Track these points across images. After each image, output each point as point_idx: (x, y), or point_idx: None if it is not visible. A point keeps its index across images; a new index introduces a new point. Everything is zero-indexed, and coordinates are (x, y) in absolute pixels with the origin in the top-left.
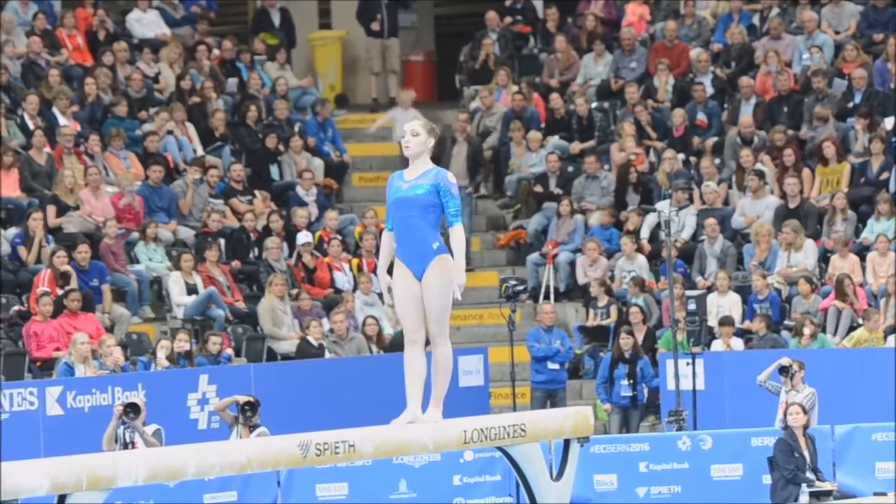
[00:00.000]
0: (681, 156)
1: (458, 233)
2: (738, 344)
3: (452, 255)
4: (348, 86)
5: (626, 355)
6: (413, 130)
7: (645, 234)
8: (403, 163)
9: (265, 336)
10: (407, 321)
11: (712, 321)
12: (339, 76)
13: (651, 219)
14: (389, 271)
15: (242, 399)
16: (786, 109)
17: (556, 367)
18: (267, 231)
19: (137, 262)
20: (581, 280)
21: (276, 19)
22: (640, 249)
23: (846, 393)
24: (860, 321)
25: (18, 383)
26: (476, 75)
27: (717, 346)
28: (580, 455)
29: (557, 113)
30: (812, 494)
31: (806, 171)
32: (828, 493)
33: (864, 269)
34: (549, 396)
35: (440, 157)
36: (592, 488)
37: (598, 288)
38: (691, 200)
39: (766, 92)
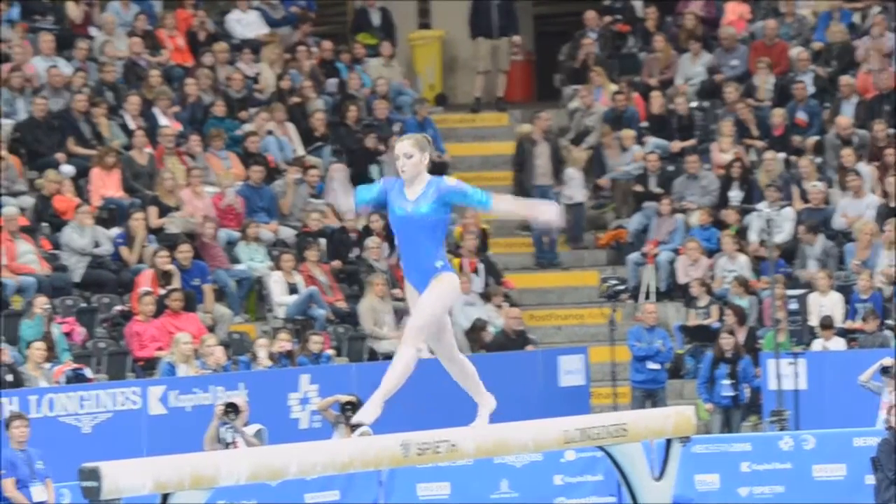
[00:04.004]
0: (781, 155)
1: (499, 201)
2: (839, 344)
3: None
4: (448, 85)
5: (728, 355)
6: (406, 153)
7: (753, 236)
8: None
9: (366, 336)
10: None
11: (813, 321)
12: (439, 76)
13: (753, 218)
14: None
15: (344, 398)
16: (887, 108)
17: (657, 366)
18: (367, 231)
19: (239, 261)
20: (682, 280)
21: (376, 19)
22: (740, 249)
23: None
24: None
25: (121, 383)
26: (575, 75)
27: (817, 345)
28: (681, 455)
29: (657, 112)
30: None
31: None
32: None
33: None
34: (649, 396)
35: (523, 161)
36: (694, 488)
37: (699, 288)
38: (789, 200)
39: (867, 91)
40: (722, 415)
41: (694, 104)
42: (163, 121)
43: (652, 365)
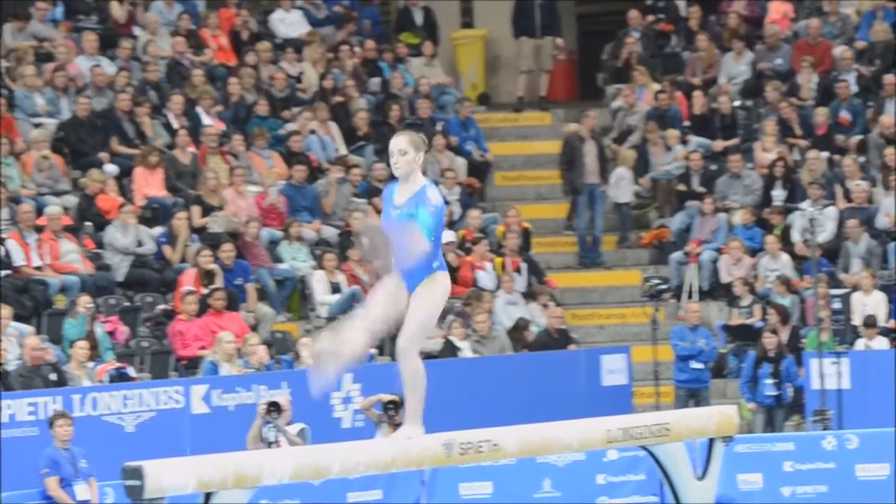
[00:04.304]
0: (824, 154)
1: (412, 227)
2: (882, 343)
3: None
4: (491, 84)
5: (771, 354)
6: (401, 149)
7: (796, 236)
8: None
9: None
10: (370, 307)
11: (856, 320)
12: (482, 75)
13: (795, 218)
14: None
15: (387, 397)
16: None
17: (700, 366)
18: None
19: (281, 261)
20: (724, 279)
21: (419, 18)
22: (783, 248)
23: None
24: None
25: (164, 382)
26: (618, 74)
27: (860, 344)
28: (724, 454)
29: (700, 111)
30: None
31: None
32: None
33: None
34: (692, 395)
35: (572, 160)
36: (737, 488)
37: (742, 287)
38: (832, 199)
39: None
40: (765, 414)
41: (737, 103)
42: (206, 120)
43: (695, 364)
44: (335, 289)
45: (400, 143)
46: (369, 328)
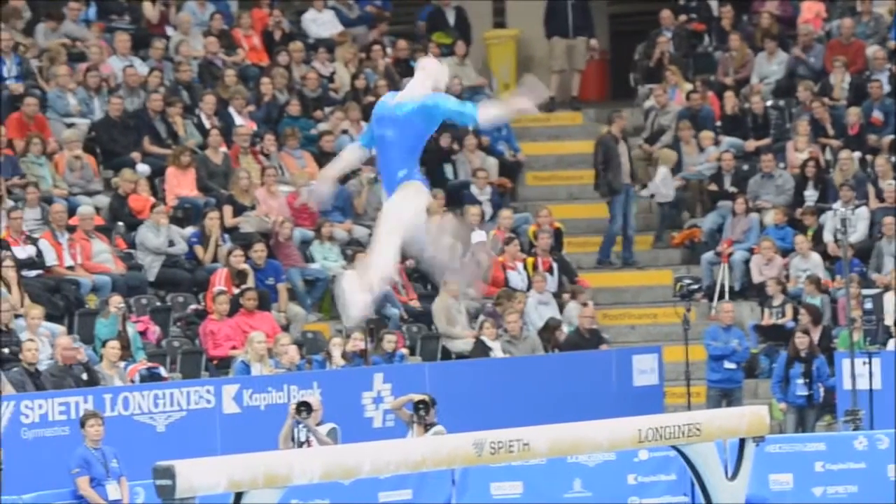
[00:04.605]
0: (856, 154)
1: (484, 111)
2: None
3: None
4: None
5: (802, 354)
6: (427, 69)
7: (828, 236)
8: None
9: (439, 335)
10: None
11: (888, 320)
12: (514, 75)
13: (827, 218)
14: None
15: (417, 397)
16: None
17: (733, 366)
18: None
19: (312, 261)
20: (756, 279)
21: (451, 18)
22: (815, 248)
23: None
24: None
25: (195, 381)
26: (650, 73)
27: (892, 345)
28: (755, 454)
29: (732, 111)
30: None
31: None
32: None
33: None
34: (725, 396)
35: (608, 160)
36: (768, 488)
37: (776, 287)
38: (864, 199)
39: None
40: (796, 414)
41: (769, 103)
42: (238, 120)
43: (728, 364)
44: None
45: (430, 64)
46: (393, 244)
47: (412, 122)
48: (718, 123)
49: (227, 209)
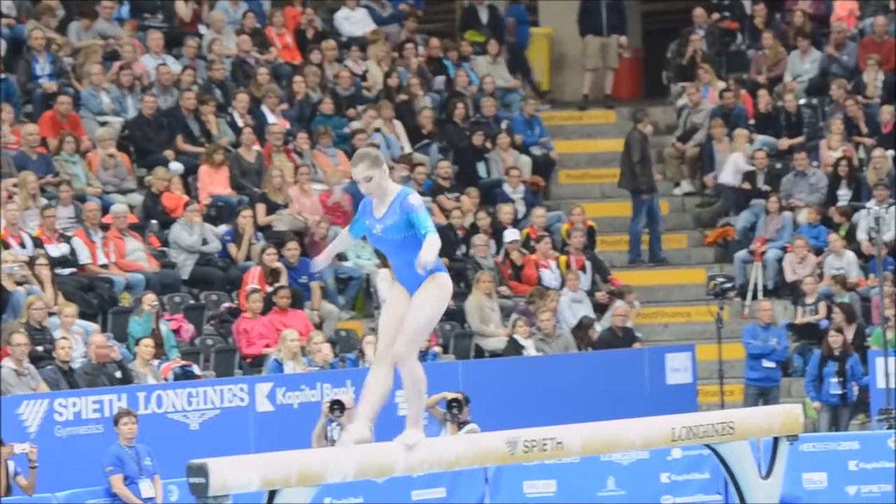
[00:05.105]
0: (890, 153)
1: (430, 240)
2: None
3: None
4: (556, 83)
5: (836, 353)
6: (364, 176)
7: (862, 234)
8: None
9: (473, 333)
10: (384, 338)
11: None
12: (547, 73)
13: (861, 216)
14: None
15: (451, 396)
16: None
17: (772, 365)
18: (474, 228)
19: (346, 259)
20: (789, 277)
21: (484, 17)
22: (849, 246)
23: None
24: None
25: (228, 379)
26: (683, 72)
27: None
28: (789, 453)
29: (765, 109)
30: None
31: None
32: None
33: None
34: (763, 394)
35: (644, 158)
36: (802, 487)
37: (812, 285)
38: None
39: None
40: (830, 413)
41: (802, 101)
42: (271, 118)
43: (767, 363)
44: None
45: (361, 171)
46: (388, 358)
47: (406, 234)
48: (752, 122)
49: (261, 207)
